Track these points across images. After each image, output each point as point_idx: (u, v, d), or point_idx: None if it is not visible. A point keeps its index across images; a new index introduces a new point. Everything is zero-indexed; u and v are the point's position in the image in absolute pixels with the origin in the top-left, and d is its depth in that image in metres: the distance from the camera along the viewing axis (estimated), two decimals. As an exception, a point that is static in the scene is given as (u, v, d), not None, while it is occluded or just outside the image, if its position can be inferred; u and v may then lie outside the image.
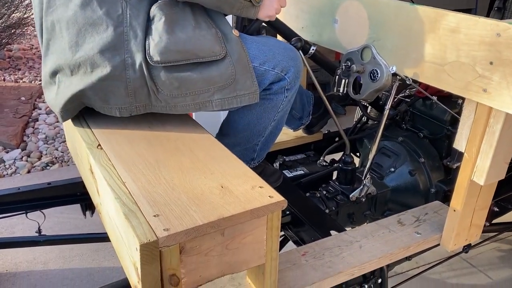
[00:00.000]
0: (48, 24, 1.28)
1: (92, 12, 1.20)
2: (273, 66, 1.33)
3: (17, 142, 3.30)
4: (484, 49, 1.12)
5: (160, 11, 1.21)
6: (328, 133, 2.16)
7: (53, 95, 1.32)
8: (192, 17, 1.24)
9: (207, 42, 1.23)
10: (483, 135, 1.20)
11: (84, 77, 1.24)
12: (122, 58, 1.20)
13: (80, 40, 1.22)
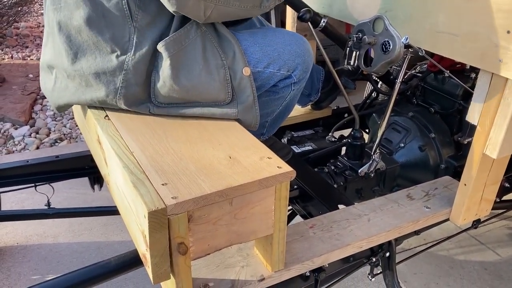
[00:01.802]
0: (49, 19, 1.22)
1: (98, 33, 1.13)
2: (279, 68, 1.28)
3: (25, 119, 3.31)
4: (502, 17, 1.09)
5: (166, 51, 1.13)
6: (337, 108, 2.13)
7: (49, 86, 1.29)
8: (201, 52, 1.16)
9: (212, 90, 1.18)
10: (498, 107, 1.17)
11: (79, 88, 1.21)
12: (117, 87, 1.15)
13: (80, 53, 1.17)
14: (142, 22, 1.13)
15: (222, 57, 1.18)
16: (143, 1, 1.11)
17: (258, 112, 1.25)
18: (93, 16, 1.12)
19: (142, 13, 1.12)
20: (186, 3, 1.05)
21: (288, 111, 1.51)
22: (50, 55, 1.25)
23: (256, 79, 1.26)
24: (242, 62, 1.20)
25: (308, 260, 1.17)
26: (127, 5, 1.11)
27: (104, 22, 1.13)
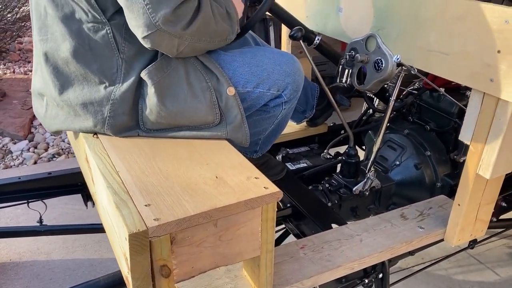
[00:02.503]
0: (37, 49, 1.22)
1: (85, 65, 1.13)
2: (268, 88, 1.27)
3: (24, 133, 3.31)
4: (492, 37, 1.08)
5: (149, 79, 1.13)
6: (333, 125, 2.12)
7: (41, 112, 1.29)
8: (185, 77, 1.16)
9: (200, 114, 1.18)
10: (490, 127, 1.15)
11: (68, 117, 1.21)
12: (104, 117, 1.15)
13: (67, 84, 1.17)
14: (129, 53, 1.13)
15: (207, 79, 1.18)
16: (129, 33, 1.10)
17: (247, 130, 1.24)
18: (79, 49, 1.12)
19: (128, 45, 1.12)
20: (161, 42, 1.06)
21: (280, 128, 1.50)
22: (40, 84, 1.25)
23: (246, 99, 1.26)
24: (226, 83, 1.20)
25: (298, 282, 1.14)
26: (113, 38, 1.11)
27: (91, 54, 1.13)
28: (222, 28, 1.15)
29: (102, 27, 1.10)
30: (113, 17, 1.10)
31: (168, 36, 1.04)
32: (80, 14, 1.09)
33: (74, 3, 1.09)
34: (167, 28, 1.02)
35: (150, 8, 1.00)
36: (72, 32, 1.11)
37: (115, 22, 1.10)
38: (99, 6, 1.08)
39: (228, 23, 1.17)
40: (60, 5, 1.10)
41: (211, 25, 1.11)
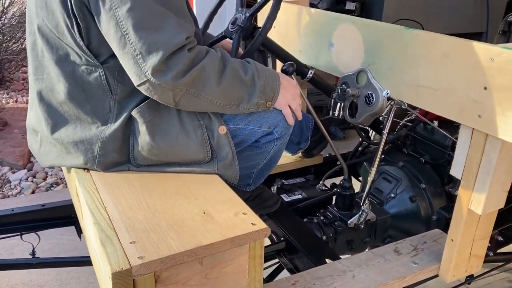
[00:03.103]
0: (32, 88, 1.24)
1: (79, 105, 1.15)
2: (260, 125, 1.28)
3: (23, 162, 3.33)
4: (478, 74, 1.09)
5: (141, 117, 1.14)
6: (329, 156, 2.12)
7: (35, 148, 1.31)
8: (177, 116, 1.17)
9: (191, 151, 1.18)
10: (480, 162, 1.15)
11: (60, 154, 1.23)
12: (95, 154, 1.16)
13: (60, 124, 1.19)
14: (122, 95, 1.15)
15: (199, 117, 1.19)
16: (121, 76, 1.12)
17: (238, 168, 1.25)
18: (73, 90, 1.14)
19: (121, 87, 1.14)
20: (154, 92, 1.06)
21: (273, 163, 1.50)
22: (34, 120, 1.27)
23: (237, 135, 1.27)
24: (217, 121, 1.21)
25: (288, 321, 1.12)
26: (106, 80, 1.13)
27: (84, 95, 1.14)
28: (230, 91, 1.13)
29: (95, 69, 1.12)
30: (106, 60, 1.12)
31: (160, 87, 1.04)
32: (74, 57, 1.12)
33: (68, 47, 1.11)
34: (156, 78, 1.02)
35: (140, 58, 1.01)
36: (66, 74, 1.13)
37: (108, 65, 1.12)
38: (92, 52, 1.11)
39: (244, 91, 1.16)
40: (55, 48, 1.13)
41: (211, 83, 1.09)
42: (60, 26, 1.09)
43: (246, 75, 1.15)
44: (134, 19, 0.99)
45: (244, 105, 1.18)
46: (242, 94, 1.16)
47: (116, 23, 1.00)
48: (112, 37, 1.02)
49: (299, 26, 1.77)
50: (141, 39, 0.99)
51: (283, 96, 1.25)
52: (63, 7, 1.05)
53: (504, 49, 1.03)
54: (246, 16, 1.48)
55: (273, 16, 1.38)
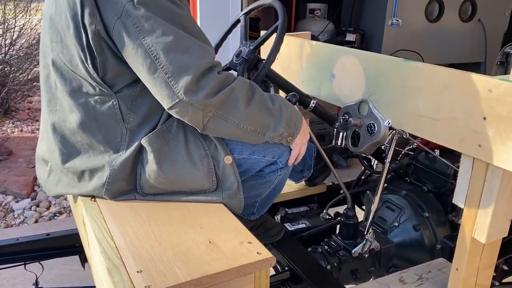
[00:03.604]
0: (45, 119, 1.28)
1: (91, 135, 1.19)
2: (264, 155, 1.30)
3: (27, 191, 3.34)
4: (477, 105, 1.12)
5: (149, 146, 1.17)
6: (332, 185, 2.13)
7: (44, 177, 1.34)
8: (184, 145, 1.20)
9: (196, 181, 1.21)
10: (482, 191, 1.16)
11: (70, 182, 1.25)
12: (103, 182, 1.19)
13: (73, 153, 1.22)
14: (134, 123, 1.18)
15: (205, 146, 1.22)
16: (134, 104, 1.16)
17: (242, 198, 1.26)
18: (86, 120, 1.17)
19: (133, 115, 1.18)
20: (185, 113, 1.08)
21: (277, 192, 1.52)
22: (45, 151, 1.30)
23: (242, 165, 1.29)
24: (223, 151, 1.23)
25: None
26: (119, 109, 1.16)
27: (97, 125, 1.18)
28: (257, 116, 1.16)
29: (108, 99, 1.16)
30: (120, 90, 1.16)
31: (191, 107, 1.06)
32: (87, 88, 1.15)
33: (82, 79, 1.15)
34: (188, 97, 1.05)
35: (172, 80, 1.04)
36: (79, 105, 1.17)
37: (122, 94, 1.16)
38: (107, 83, 1.14)
39: (271, 120, 1.18)
40: (68, 80, 1.17)
41: (239, 105, 1.11)
42: (74, 59, 1.13)
43: (273, 105, 1.19)
44: (163, 44, 1.03)
45: (270, 133, 1.20)
46: (269, 122, 1.19)
47: (145, 51, 1.04)
48: (141, 65, 1.06)
49: (301, 58, 1.82)
50: (172, 62, 1.04)
51: (301, 136, 1.29)
52: (78, 41, 1.09)
53: (502, 80, 1.06)
54: (250, 49, 1.53)
55: (277, 49, 1.43)
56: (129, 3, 1.03)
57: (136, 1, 1.03)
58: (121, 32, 1.05)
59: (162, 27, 1.04)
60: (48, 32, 1.18)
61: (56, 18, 1.15)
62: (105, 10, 1.06)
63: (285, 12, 1.48)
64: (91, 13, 1.05)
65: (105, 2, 1.06)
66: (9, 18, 4.93)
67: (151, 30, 1.03)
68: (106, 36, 1.07)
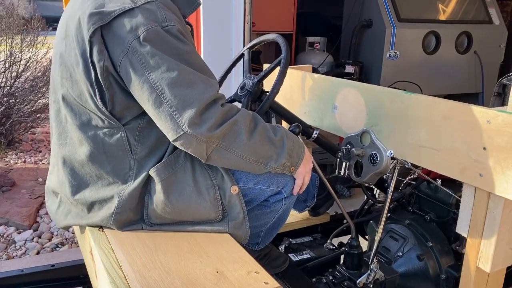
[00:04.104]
0: (55, 152, 1.31)
1: (100, 166, 1.21)
2: (268, 184, 1.33)
3: (29, 223, 3.34)
4: (477, 135, 1.15)
5: (157, 176, 1.20)
6: (335, 214, 2.14)
7: (53, 209, 1.36)
8: (191, 174, 1.23)
9: (203, 210, 1.23)
10: (484, 220, 1.18)
11: (80, 214, 1.28)
12: (111, 212, 1.21)
13: (82, 185, 1.25)
14: (141, 154, 1.21)
15: (212, 177, 1.24)
16: (142, 135, 1.20)
17: (248, 227, 1.28)
18: (95, 152, 1.20)
19: (141, 146, 1.21)
20: (189, 145, 1.11)
21: (282, 222, 1.53)
22: (55, 183, 1.32)
23: (247, 194, 1.31)
24: (229, 181, 1.25)
25: None
26: (127, 141, 1.20)
27: (105, 157, 1.21)
28: (259, 148, 1.19)
29: (116, 131, 1.19)
30: (128, 122, 1.19)
31: (195, 139, 1.09)
32: (97, 121, 1.19)
33: (91, 113, 1.19)
34: (192, 130, 1.08)
35: (177, 113, 1.08)
36: (89, 138, 1.20)
37: (130, 126, 1.19)
38: (115, 116, 1.18)
39: (273, 150, 1.21)
40: (78, 114, 1.21)
41: (241, 136, 1.15)
42: (83, 94, 1.17)
43: (275, 136, 1.22)
44: (168, 80, 1.08)
45: (272, 164, 1.22)
46: (271, 153, 1.21)
47: (150, 86, 1.08)
48: (147, 99, 1.10)
49: (303, 90, 1.87)
50: (176, 96, 1.08)
51: (303, 166, 1.31)
52: (87, 77, 1.14)
53: (500, 112, 1.09)
54: (254, 82, 1.58)
55: (281, 81, 1.47)
56: (135, 40, 1.07)
57: (141, 38, 1.07)
58: (127, 68, 1.09)
59: (167, 63, 1.08)
60: (59, 68, 1.23)
61: (66, 55, 1.20)
62: (112, 47, 1.10)
63: (288, 47, 1.54)
64: (99, 50, 1.10)
65: (112, 39, 1.10)
66: (16, 51, 5.04)
67: (157, 66, 1.07)
68: (114, 71, 1.12)
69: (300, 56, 3.90)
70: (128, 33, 1.08)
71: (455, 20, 3.75)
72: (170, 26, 1.10)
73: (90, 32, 1.10)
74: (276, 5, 3.68)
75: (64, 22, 1.23)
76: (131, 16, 1.09)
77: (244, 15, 2.78)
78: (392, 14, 3.43)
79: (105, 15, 1.10)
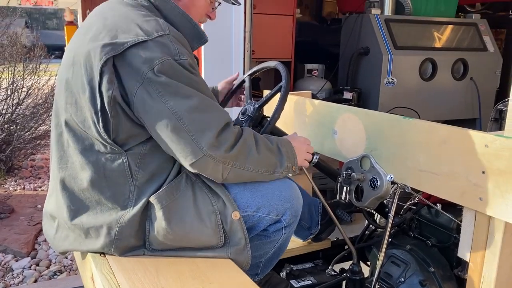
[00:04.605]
0: (55, 175, 1.32)
1: (100, 192, 1.23)
2: (268, 212, 1.34)
3: (28, 250, 3.30)
4: (475, 159, 1.17)
5: (158, 203, 1.21)
6: (336, 240, 2.13)
7: (51, 234, 1.35)
8: (192, 201, 1.25)
9: (204, 237, 1.25)
10: (486, 244, 1.18)
11: (78, 239, 1.28)
12: (112, 239, 1.22)
13: (81, 210, 1.25)
14: (142, 180, 1.22)
15: (213, 202, 1.25)
16: (143, 162, 1.22)
17: (250, 253, 1.28)
18: (96, 177, 1.22)
19: (142, 172, 1.22)
20: (206, 167, 1.17)
21: (281, 251, 1.53)
22: (53, 207, 1.33)
23: (246, 222, 1.32)
24: (231, 207, 1.26)
25: None
26: (128, 166, 1.21)
27: (106, 182, 1.22)
28: (266, 159, 1.27)
29: (118, 157, 1.21)
30: (131, 148, 1.21)
31: (212, 161, 1.16)
32: (99, 146, 1.21)
33: (94, 138, 1.21)
34: (211, 152, 1.14)
35: (196, 137, 1.14)
36: (90, 162, 1.21)
37: (132, 152, 1.21)
38: (118, 143, 1.20)
39: (276, 158, 1.30)
40: (81, 139, 1.22)
41: (252, 152, 1.23)
42: (87, 121, 1.19)
43: (272, 145, 1.30)
44: (185, 106, 1.14)
45: (279, 169, 1.31)
46: (275, 161, 1.30)
47: (169, 113, 1.13)
48: (165, 126, 1.14)
49: (303, 115, 1.90)
50: (195, 122, 1.14)
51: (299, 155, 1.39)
52: (92, 105, 1.16)
53: (497, 136, 1.11)
54: (255, 107, 1.61)
55: (281, 107, 1.50)
56: (150, 72, 1.12)
57: (156, 70, 1.12)
58: (144, 97, 1.13)
59: (183, 91, 1.14)
60: (64, 94, 1.25)
61: (72, 82, 1.22)
62: (126, 77, 1.14)
63: (288, 74, 1.58)
64: (109, 79, 1.13)
65: (126, 69, 1.14)
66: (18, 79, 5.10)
67: (174, 94, 1.13)
68: (122, 101, 1.15)
69: (299, 83, 3.96)
70: (143, 64, 1.13)
71: (451, 47, 3.82)
72: (182, 60, 1.16)
73: (102, 61, 1.13)
74: (275, 34, 3.77)
75: (72, 49, 1.26)
76: (144, 48, 1.14)
77: (244, 43, 2.85)
78: (389, 41, 3.49)
79: (118, 45, 1.14)
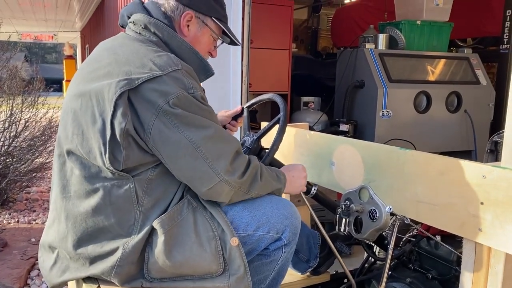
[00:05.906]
0: (57, 206, 1.31)
1: (105, 219, 1.22)
2: (268, 230, 1.35)
3: (20, 285, 3.23)
4: (473, 190, 1.17)
5: (161, 227, 1.22)
6: (335, 273, 2.10)
7: (47, 265, 1.33)
8: (193, 226, 1.26)
9: (204, 263, 1.24)
10: (487, 276, 1.17)
11: (80, 268, 1.27)
12: (113, 265, 1.21)
13: (85, 239, 1.24)
14: (147, 206, 1.23)
15: (213, 228, 1.25)
16: (150, 187, 1.22)
17: (250, 281, 1.26)
18: (101, 204, 1.21)
19: (148, 198, 1.23)
20: (221, 192, 1.25)
21: (281, 277, 1.51)
22: (54, 237, 1.31)
23: (247, 242, 1.31)
24: (229, 233, 1.26)
25: None
26: (135, 192, 1.21)
27: (111, 209, 1.21)
28: (269, 184, 1.38)
29: (125, 182, 1.21)
30: (138, 174, 1.22)
31: (228, 186, 1.23)
32: (106, 173, 1.21)
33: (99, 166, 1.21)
34: (228, 177, 1.21)
35: (212, 164, 1.20)
36: (96, 189, 1.21)
37: (139, 177, 1.22)
38: (125, 170, 1.20)
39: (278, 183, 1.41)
40: (87, 166, 1.23)
41: (257, 178, 1.32)
42: (92, 152, 1.20)
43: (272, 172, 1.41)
44: (202, 135, 1.20)
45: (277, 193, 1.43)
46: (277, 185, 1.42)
47: (187, 142, 1.19)
48: (183, 155, 1.19)
49: (301, 147, 1.91)
50: (211, 149, 1.22)
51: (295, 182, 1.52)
52: (101, 136, 1.18)
53: (494, 167, 1.12)
54: (253, 139, 1.62)
55: (280, 138, 1.52)
56: (166, 105, 1.17)
57: (171, 103, 1.17)
58: (161, 128, 1.17)
59: (198, 122, 1.20)
60: (71, 124, 1.26)
61: (80, 113, 1.24)
62: (141, 111, 1.18)
63: (286, 106, 1.60)
64: (123, 112, 1.16)
65: (141, 103, 1.18)
66: (16, 111, 5.12)
67: (190, 125, 1.19)
68: (134, 133, 1.18)
69: (295, 115, 4.00)
70: (159, 98, 1.17)
71: (444, 80, 3.89)
72: (196, 93, 1.23)
73: (117, 94, 1.16)
74: (272, 67, 3.84)
75: (80, 82, 1.28)
76: (159, 82, 1.18)
77: (242, 77, 2.89)
78: (383, 75, 3.56)
79: (133, 80, 1.18)
